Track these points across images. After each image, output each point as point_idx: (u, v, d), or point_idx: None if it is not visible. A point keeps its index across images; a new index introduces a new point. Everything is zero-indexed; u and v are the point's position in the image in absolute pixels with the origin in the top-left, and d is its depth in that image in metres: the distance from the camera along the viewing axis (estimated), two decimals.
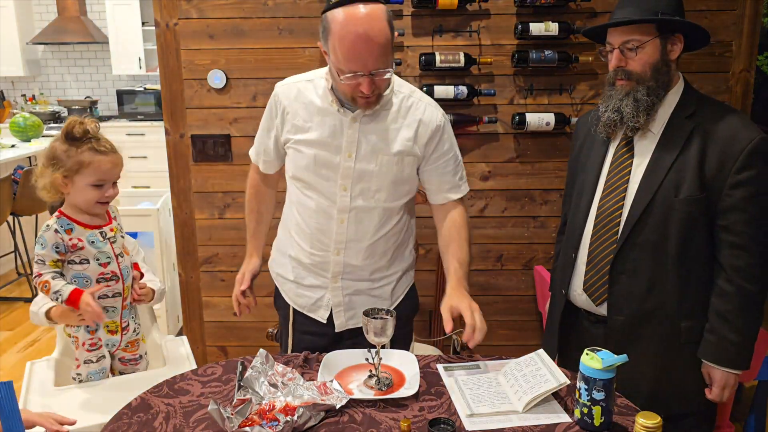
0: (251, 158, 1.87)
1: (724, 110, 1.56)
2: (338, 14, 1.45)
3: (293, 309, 1.81)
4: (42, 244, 1.63)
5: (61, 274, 1.66)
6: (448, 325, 1.49)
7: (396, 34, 1.57)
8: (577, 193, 1.73)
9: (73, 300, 1.60)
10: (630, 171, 1.60)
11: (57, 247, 1.63)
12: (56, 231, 1.64)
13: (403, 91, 1.66)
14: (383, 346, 1.49)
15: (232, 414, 1.27)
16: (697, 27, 1.55)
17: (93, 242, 1.67)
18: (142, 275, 1.86)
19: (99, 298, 1.69)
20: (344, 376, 1.50)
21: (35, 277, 1.64)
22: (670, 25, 1.53)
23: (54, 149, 1.63)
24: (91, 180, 1.64)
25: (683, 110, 1.56)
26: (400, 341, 1.77)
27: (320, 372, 1.49)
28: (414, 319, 2.78)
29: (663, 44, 1.53)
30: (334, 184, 1.64)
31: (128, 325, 1.81)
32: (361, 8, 1.44)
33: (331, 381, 1.42)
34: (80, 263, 1.67)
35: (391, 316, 1.45)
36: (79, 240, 1.66)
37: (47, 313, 1.71)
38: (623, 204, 1.59)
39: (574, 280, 1.70)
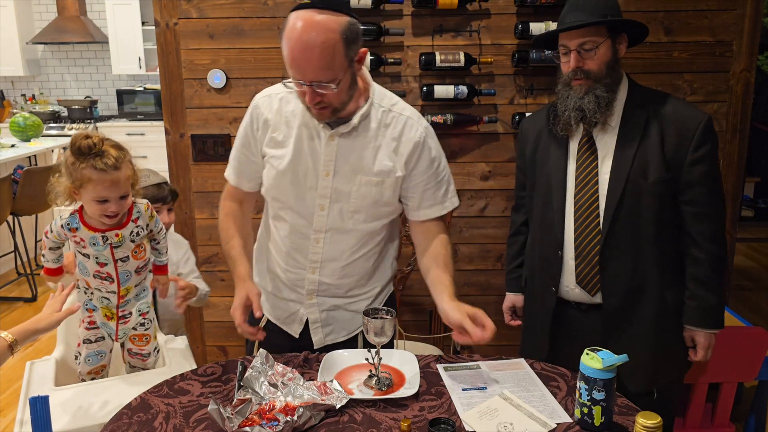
0: (229, 180, 1.74)
1: (668, 98, 1.70)
2: (293, 16, 1.40)
3: (267, 320, 1.78)
4: (54, 223, 1.73)
5: (59, 248, 1.77)
6: (476, 334, 1.46)
7: (362, 47, 1.47)
8: (544, 193, 1.77)
9: (50, 272, 1.75)
10: (597, 164, 1.69)
11: (58, 235, 1.73)
12: (62, 226, 1.71)
13: (383, 104, 1.58)
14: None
15: (232, 414, 1.27)
16: (641, 25, 1.68)
17: (94, 244, 1.69)
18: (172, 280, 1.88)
19: (96, 288, 1.76)
20: (344, 376, 1.50)
21: (44, 234, 1.76)
22: (618, 25, 1.65)
23: (66, 159, 1.67)
24: (92, 196, 1.64)
25: (634, 102, 1.69)
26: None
27: (320, 372, 1.49)
28: (408, 320, 2.79)
29: (613, 44, 1.66)
30: (311, 202, 1.59)
31: (129, 315, 1.81)
32: (312, 14, 1.37)
33: (331, 381, 1.42)
34: (83, 255, 1.71)
35: (391, 316, 1.45)
36: (82, 240, 1.69)
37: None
38: (597, 196, 1.68)
39: (565, 276, 1.74)
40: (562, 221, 1.73)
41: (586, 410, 1.29)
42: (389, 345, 1.79)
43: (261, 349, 1.44)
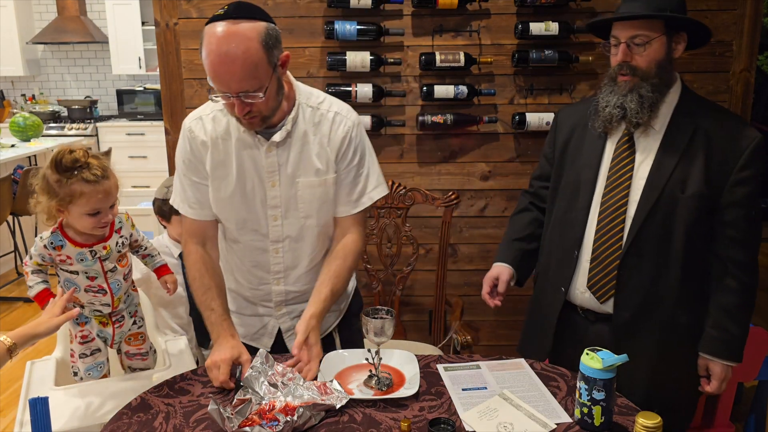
0: (188, 215, 1.63)
1: (722, 110, 1.63)
2: (208, 29, 1.36)
3: None
4: (35, 247, 1.67)
5: (41, 272, 1.69)
6: (296, 350, 1.45)
7: (284, 53, 1.45)
8: (572, 189, 1.69)
9: (40, 298, 1.65)
10: (633, 168, 1.60)
11: (42, 257, 1.67)
12: (45, 246, 1.65)
13: (310, 103, 1.57)
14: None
15: (232, 414, 1.27)
16: (703, 26, 1.57)
17: (82, 260, 1.66)
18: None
19: (88, 302, 1.72)
20: (344, 376, 1.50)
21: (24, 264, 1.70)
22: (677, 22, 1.54)
23: (46, 178, 1.60)
24: (85, 210, 1.59)
25: (684, 109, 1.58)
26: (353, 340, 1.76)
27: (320, 372, 1.49)
28: (408, 320, 2.79)
29: (669, 42, 1.55)
30: (263, 216, 1.58)
31: (122, 319, 1.80)
32: (228, 25, 1.34)
33: (331, 381, 1.42)
34: (70, 273, 1.68)
35: (391, 315, 1.45)
36: (68, 257, 1.65)
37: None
38: (627, 201, 1.59)
39: (577, 278, 1.67)
40: (584, 220, 1.64)
41: (586, 410, 1.29)
42: (359, 344, 1.79)
43: (261, 349, 1.43)
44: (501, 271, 1.79)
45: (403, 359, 1.57)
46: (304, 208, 1.58)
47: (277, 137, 1.52)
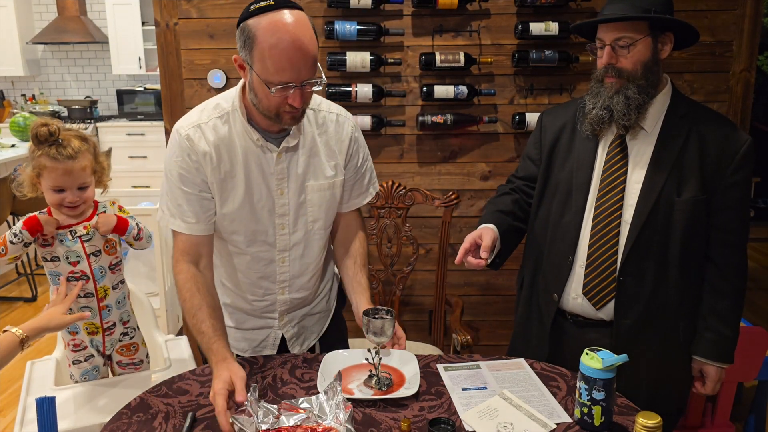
0: (181, 230, 1.51)
1: (713, 114, 1.62)
2: (263, 22, 1.34)
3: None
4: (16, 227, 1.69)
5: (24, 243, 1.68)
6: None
7: (321, 42, 1.43)
8: (564, 192, 1.66)
9: (29, 223, 1.64)
10: (626, 171, 1.58)
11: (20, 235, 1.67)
12: None
13: (312, 105, 1.54)
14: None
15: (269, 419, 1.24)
16: (688, 26, 1.55)
17: (62, 240, 1.67)
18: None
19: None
20: (344, 376, 1.50)
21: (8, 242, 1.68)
22: (662, 23, 1.52)
23: (29, 147, 1.66)
24: (49, 185, 1.64)
25: (676, 112, 1.58)
26: (336, 335, 1.78)
27: (320, 372, 1.49)
28: (408, 320, 2.79)
29: (654, 43, 1.53)
30: (270, 225, 1.55)
31: (114, 326, 1.79)
32: (288, 15, 1.34)
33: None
34: (51, 260, 1.68)
35: (391, 315, 1.45)
36: (52, 237, 1.67)
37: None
38: (622, 204, 1.57)
39: (570, 284, 1.64)
40: (579, 225, 1.62)
41: (586, 410, 1.29)
42: (342, 340, 1.83)
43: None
44: (485, 231, 1.62)
45: (403, 359, 1.57)
46: (313, 212, 1.58)
47: (291, 141, 1.50)
